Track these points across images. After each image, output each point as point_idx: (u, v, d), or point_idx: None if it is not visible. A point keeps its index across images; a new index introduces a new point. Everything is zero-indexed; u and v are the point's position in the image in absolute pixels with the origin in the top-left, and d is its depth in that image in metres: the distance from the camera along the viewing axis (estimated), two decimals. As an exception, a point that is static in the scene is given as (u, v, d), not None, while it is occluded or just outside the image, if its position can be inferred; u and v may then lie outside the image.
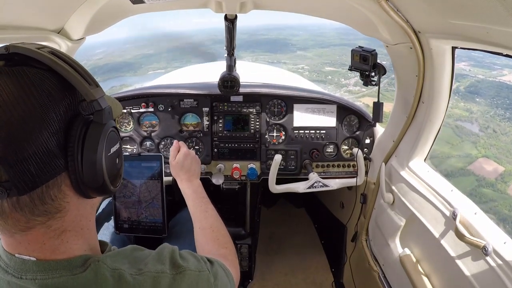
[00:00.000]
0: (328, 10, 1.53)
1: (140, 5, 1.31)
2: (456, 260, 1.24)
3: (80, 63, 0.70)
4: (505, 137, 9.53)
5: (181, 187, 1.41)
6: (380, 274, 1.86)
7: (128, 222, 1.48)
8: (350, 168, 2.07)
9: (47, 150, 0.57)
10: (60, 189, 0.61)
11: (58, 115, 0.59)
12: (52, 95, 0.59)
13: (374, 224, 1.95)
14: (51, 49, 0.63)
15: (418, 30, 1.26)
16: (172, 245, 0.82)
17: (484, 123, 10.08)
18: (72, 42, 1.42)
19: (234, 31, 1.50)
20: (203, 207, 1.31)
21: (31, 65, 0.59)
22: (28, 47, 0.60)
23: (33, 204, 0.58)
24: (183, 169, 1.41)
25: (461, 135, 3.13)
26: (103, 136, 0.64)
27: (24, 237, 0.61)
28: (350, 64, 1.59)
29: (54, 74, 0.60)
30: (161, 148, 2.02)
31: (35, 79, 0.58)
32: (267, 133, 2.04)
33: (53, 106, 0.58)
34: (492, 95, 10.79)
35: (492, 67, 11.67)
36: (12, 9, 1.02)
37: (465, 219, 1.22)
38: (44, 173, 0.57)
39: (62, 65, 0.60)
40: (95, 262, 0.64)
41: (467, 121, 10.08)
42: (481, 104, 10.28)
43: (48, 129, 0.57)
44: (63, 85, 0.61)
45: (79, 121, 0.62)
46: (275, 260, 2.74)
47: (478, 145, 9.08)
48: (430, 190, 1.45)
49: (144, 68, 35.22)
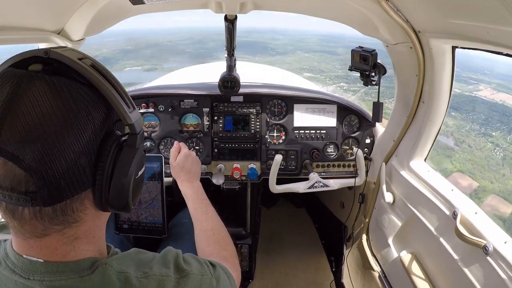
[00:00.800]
0: (328, 10, 1.53)
1: (140, 6, 1.31)
2: (456, 259, 1.24)
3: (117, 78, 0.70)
4: (480, 152, 9.50)
5: (181, 188, 1.40)
6: (380, 274, 1.86)
7: (128, 222, 1.48)
8: (350, 168, 2.07)
9: (78, 166, 0.57)
10: (83, 203, 0.62)
11: (93, 133, 0.59)
12: (90, 112, 0.58)
13: (374, 224, 1.95)
14: (92, 61, 0.63)
15: (418, 30, 1.26)
16: (176, 249, 0.82)
17: (459, 137, 10.07)
18: (72, 43, 1.42)
19: (234, 31, 1.50)
20: (203, 209, 1.31)
21: (71, 77, 0.58)
22: (69, 55, 0.59)
23: (54, 215, 0.58)
24: (184, 170, 1.41)
25: (436, 148, 3.16)
26: (135, 161, 0.65)
27: (38, 242, 0.61)
28: (350, 64, 1.58)
29: (94, 90, 0.60)
30: (161, 149, 2.02)
31: (75, 94, 0.57)
32: (267, 133, 2.04)
33: (89, 124, 0.58)
34: (468, 110, 10.81)
35: (468, 81, 11.73)
36: (13, 9, 1.02)
37: (466, 219, 1.22)
38: (72, 189, 0.58)
39: (103, 83, 0.60)
40: (103, 265, 0.64)
41: (443, 134, 10.05)
42: (457, 119, 10.28)
43: (83, 147, 0.57)
44: (101, 103, 0.61)
45: (112, 141, 0.62)
46: (275, 260, 2.74)
47: (453, 160, 9.07)
48: (431, 189, 1.45)
49: (120, 63, 34.90)
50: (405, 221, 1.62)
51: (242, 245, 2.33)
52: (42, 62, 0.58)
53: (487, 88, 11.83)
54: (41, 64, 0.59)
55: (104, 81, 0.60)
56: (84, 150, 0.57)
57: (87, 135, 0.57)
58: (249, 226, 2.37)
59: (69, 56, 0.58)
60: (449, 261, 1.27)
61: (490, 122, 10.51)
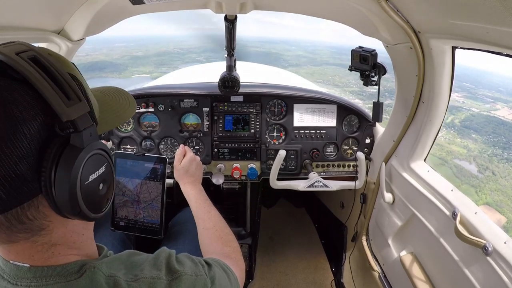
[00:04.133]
0: (328, 10, 1.53)
1: (140, 6, 1.31)
2: (456, 259, 1.24)
3: (75, 67, 0.64)
4: (505, 181, 9.08)
5: (184, 190, 1.42)
6: (380, 273, 1.86)
7: (125, 220, 1.48)
8: (350, 168, 2.08)
9: (16, 174, 0.51)
10: (38, 209, 0.56)
11: (28, 137, 0.52)
12: (22, 113, 0.52)
13: (374, 224, 1.96)
14: (37, 53, 0.56)
15: (418, 30, 1.26)
16: (169, 249, 0.81)
17: (482, 163, 9.71)
18: (72, 43, 1.42)
19: (234, 31, 1.50)
20: (206, 208, 1.32)
21: (6, 74, 0.53)
22: (6, 52, 0.53)
23: (10, 223, 0.54)
24: (188, 174, 1.44)
25: (460, 176, 2.99)
26: (79, 162, 0.56)
27: (11, 247, 0.59)
28: (350, 64, 1.59)
29: (29, 87, 0.53)
30: (161, 148, 2.02)
31: (4, 94, 0.51)
32: (267, 133, 2.04)
33: (22, 126, 0.51)
34: (488, 132, 10.51)
35: (485, 100, 11.54)
36: (13, 9, 1.02)
37: (465, 219, 1.22)
38: (15, 197, 0.53)
39: (36, 76, 0.53)
40: (91, 269, 0.63)
41: (465, 159, 9.64)
42: (477, 141, 9.93)
43: (16, 152, 0.51)
44: (37, 101, 0.54)
45: (55, 142, 0.55)
46: (275, 259, 2.74)
47: (478, 190, 8.63)
48: (430, 189, 1.45)
49: (129, 70, 34.85)
50: (405, 221, 1.62)
51: (242, 245, 2.33)
52: None
53: (504, 107, 11.61)
54: None
55: (37, 73, 0.53)
56: (21, 157, 0.51)
57: (21, 140, 0.51)
58: (249, 226, 2.38)
59: (4, 51, 0.53)
60: (449, 261, 1.27)
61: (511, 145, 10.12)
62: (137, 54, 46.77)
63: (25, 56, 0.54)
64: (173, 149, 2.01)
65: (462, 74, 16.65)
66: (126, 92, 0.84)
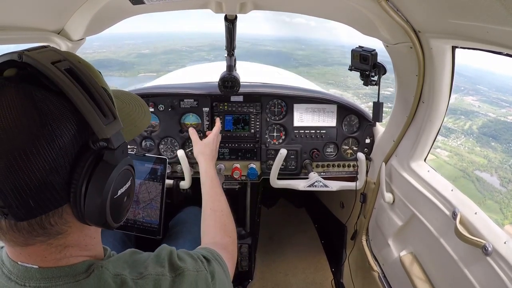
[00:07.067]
0: (328, 10, 1.53)
1: (140, 6, 1.31)
2: (456, 259, 1.24)
3: (100, 74, 0.64)
4: None
5: (203, 166, 1.47)
6: (380, 274, 1.86)
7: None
8: (350, 168, 2.07)
9: (47, 184, 0.53)
10: (62, 217, 0.58)
11: (62, 148, 0.53)
12: (58, 126, 0.52)
13: (374, 224, 1.95)
14: (71, 63, 0.56)
15: (418, 30, 1.26)
16: (170, 246, 0.82)
17: (504, 175, 9.04)
18: (72, 43, 1.42)
19: (234, 31, 1.50)
20: (219, 191, 1.36)
21: (41, 85, 0.53)
22: (43, 61, 0.53)
23: (32, 228, 0.56)
24: (209, 147, 1.53)
25: (483, 191, 2.82)
26: (111, 179, 0.58)
27: (24, 250, 0.60)
28: (350, 64, 1.59)
29: (65, 99, 0.54)
30: (161, 149, 2.02)
31: (41, 105, 0.52)
32: (267, 133, 2.04)
33: (57, 139, 0.52)
34: (507, 140, 9.94)
35: (500, 104, 11.11)
36: (13, 9, 1.02)
37: (465, 219, 1.22)
38: (44, 206, 0.54)
39: (75, 90, 0.53)
40: (99, 268, 0.64)
41: (487, 171, 8.94)
42: (497, 150, 9.38)
43: (50, 164, 0.52)
44: (73, 115, 0.54)
45: (87, 156, 0.56)
46: (275, 260, 2.74)
47: (503, 207, 8.01)
48: (430, 189, 1.45)
49: (135, 69, 34.32)
50: (405, 221, 1.62)
51: (241, 244, 2.33)
52: (17, 66, 0.54)
53: (521, 112, 11.05)
54: (16, 69, 0.54)
55: (76, 88, 0.54)
56: (53, 168, 0.52)
57: (54, 152, 0.52)
58: (249, 226, 2.37)
59: (41, 60, 0.53)
60: (449, 261, 1.27)
61: (533, 154, 9.54)
62: (145, 51, 46.02)
63: (61, 67, 0.54)
64: (173, 149, 2.01)
65: (476, 76, 16.02)
66: (140, 99, 0.82)
